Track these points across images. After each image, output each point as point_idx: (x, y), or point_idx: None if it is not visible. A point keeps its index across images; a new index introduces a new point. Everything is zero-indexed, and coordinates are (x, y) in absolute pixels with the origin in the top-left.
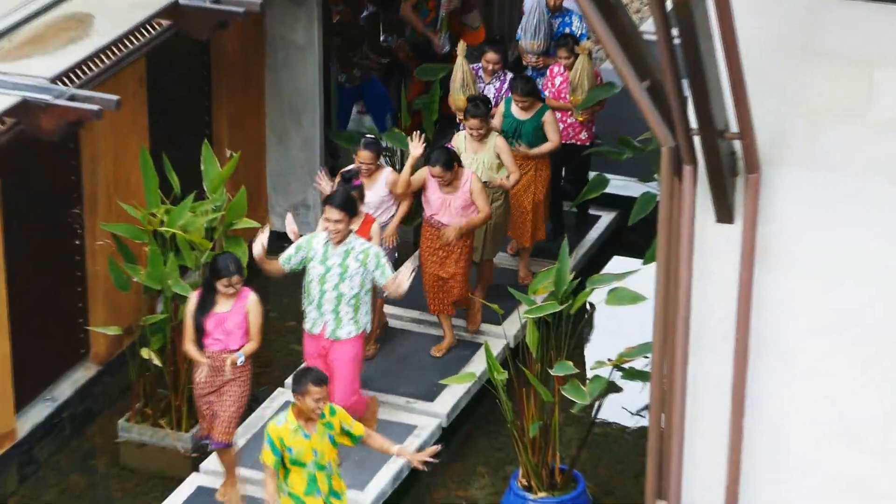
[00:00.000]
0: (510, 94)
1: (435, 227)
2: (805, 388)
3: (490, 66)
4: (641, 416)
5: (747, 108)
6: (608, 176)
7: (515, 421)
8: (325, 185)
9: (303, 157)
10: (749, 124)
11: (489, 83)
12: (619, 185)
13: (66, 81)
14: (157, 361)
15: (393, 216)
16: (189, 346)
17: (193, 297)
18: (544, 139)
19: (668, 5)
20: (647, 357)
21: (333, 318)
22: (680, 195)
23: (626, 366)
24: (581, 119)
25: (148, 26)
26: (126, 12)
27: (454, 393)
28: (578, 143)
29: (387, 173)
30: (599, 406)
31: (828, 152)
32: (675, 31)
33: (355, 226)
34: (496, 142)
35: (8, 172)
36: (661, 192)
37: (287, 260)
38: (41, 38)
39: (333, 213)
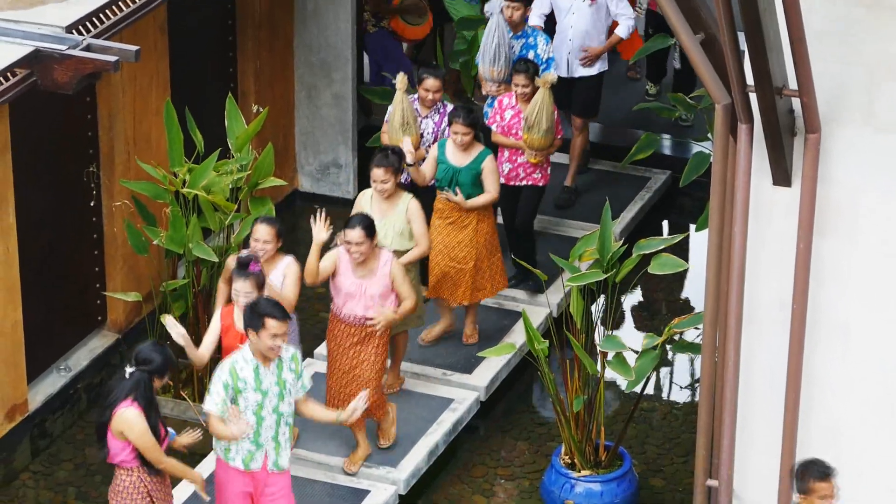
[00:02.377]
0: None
1: (346, 321)
2: (864, 363)
3: (429, 96)
4: (692, 389)
5: (808, 64)
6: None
7: (558, 395)
8: (320, 228)
9: (333, 115)
10: (809, 81)
11: (426, 116)
12: (672, 143)
13: (82, 31)
14: None
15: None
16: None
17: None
18: (482, 188)
19: None
20: (698, 328)
21: (274, 447)
22: (735, 156)
23: (676, 337)
24: (535, 161)
25: None
26: None
27: (493, 365)
28: (531, 183)
29: (287, 262)
30: (647, 380)
31: (892, 111)
32: None
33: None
34: (409, 205)
35: (20, 128)
36: (715, 152)
37: (223, 404)
38: None
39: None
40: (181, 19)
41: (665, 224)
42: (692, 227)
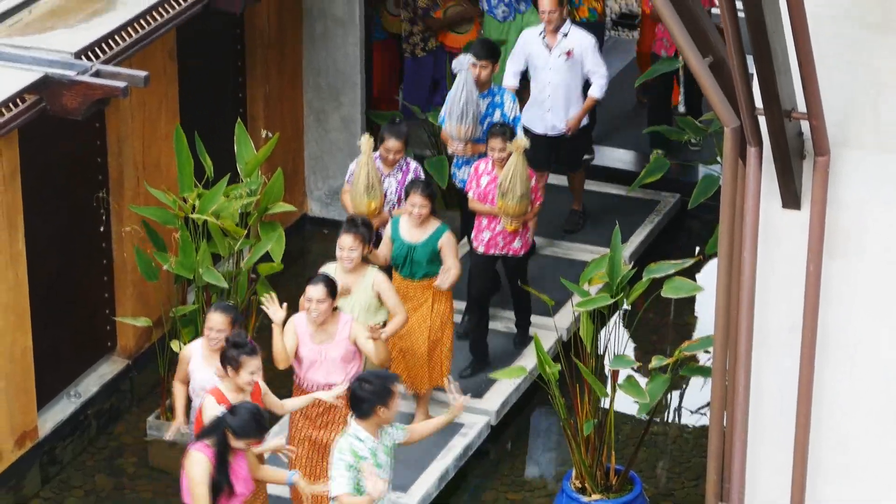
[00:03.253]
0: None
1: (310, 391)
2: (875, 385)
3: (391, 156)
4: (702, 413)
5: (816, 87)
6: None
7: (568, 419)
8: (275, 309)
9: (342, 139)
10: (818, 104)
11: (389, 175)
12: (680, 168)
13: (91, 56)
14: None
15: None
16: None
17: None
18: (439, 266)
19: None
20: (708, 351)
21: None
22: (744, 179)
23: (686, 360)
24: (511, 228)
25: None
26: None
27: (503, 389)
28: (511, 253)
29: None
30: (658, 403)
31: None
32: (739, 4)
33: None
34: (375, 277)
35: (29, 154)
36: (724, 175)
37: (351, 481)
38: (64, 9)
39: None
40: (190, 45)
41: (674, 247)
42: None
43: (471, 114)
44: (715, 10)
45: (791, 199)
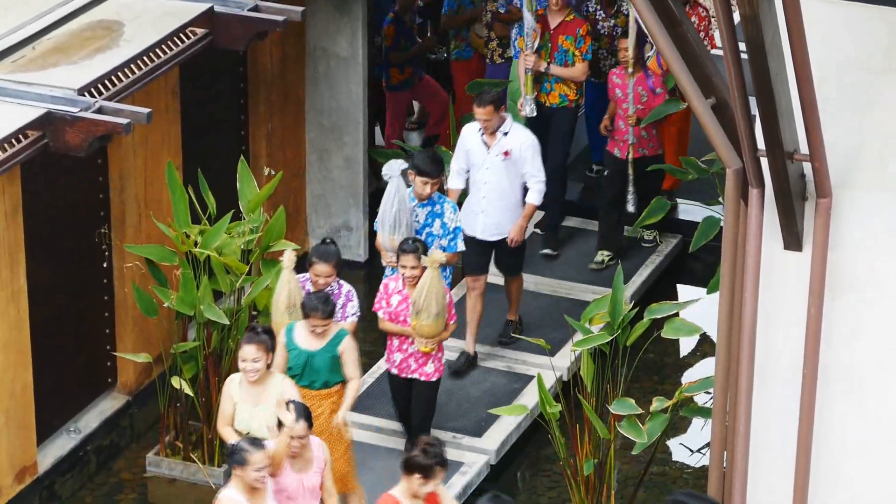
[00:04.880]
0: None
1: None
2: (877, 427)
3: (320, 280)
4: (702, 454)
5: (818, 129)
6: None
7: (568, 458)
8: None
9: (345, 178)
10: (820, 146)
11: None
12: (682, 208)
13: (94, 93)
14: (188, 391)
15: None
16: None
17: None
18: (340, 373)
19: (736, 18)
20: (708, 392)
21: None
22: (746, 220)
23: (686, 401)
24: (426, 350)
25: (181, 35)
26: (158, 20)
27: (503, 428)
28: (424, 378)
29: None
30: (658, 444)
31: None
32: (742, 46)
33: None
34: (284, 383)
35: (31, 190)
36: (726, 216)
37: None
38: (67, 46)
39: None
40: (193, 82)
41: (676, 288)
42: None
43: (404, 223)
44: (718, 52)
45: (793, 240)
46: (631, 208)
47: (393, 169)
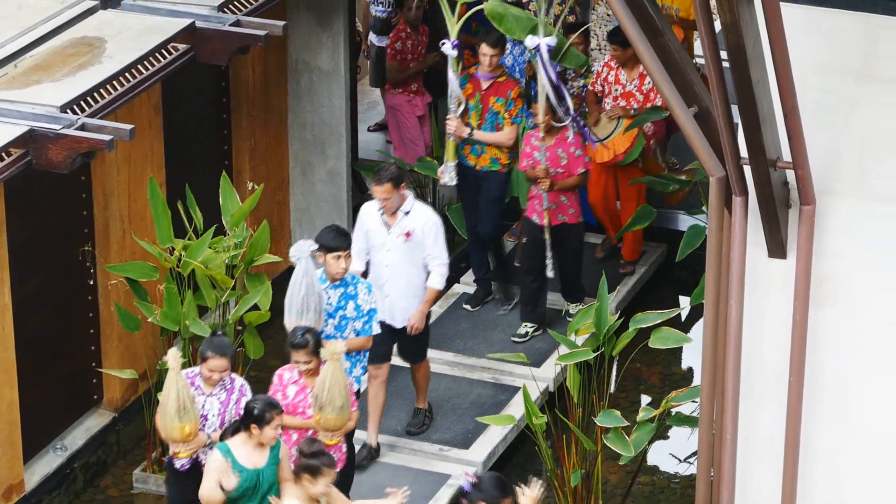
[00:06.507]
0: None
1: None
2: (863, 434)
3: (214, 376)
4: (689, 463)
5: (801, 137)
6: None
7: (555, 469)
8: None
9: (328, 191)
10: (803, 153)
11: (211, 394)
12: (666, 217)
13: (77, 110)
14: None
15: None
16: None
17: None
18: None
19: (717, 27)
20: (695, 401)
21: None
22: (730, 228)
23: (673, 410)
24: (332, 443)
25: (163, 51)
26: (140, 36)
27: (490, 439)
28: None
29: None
30: (645, 453)
31: (886, 183)
32: (724, 55)
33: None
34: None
35: (15, 207)
36: (710, 225)
37: None
38: (49, 63)
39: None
40: (175, 98)
41: (661, 297)
42: (685, 299)
43: (312, 307)
44: (700, 61)
45: (777, 248)
46: (550, 274)
47: (301, 250)
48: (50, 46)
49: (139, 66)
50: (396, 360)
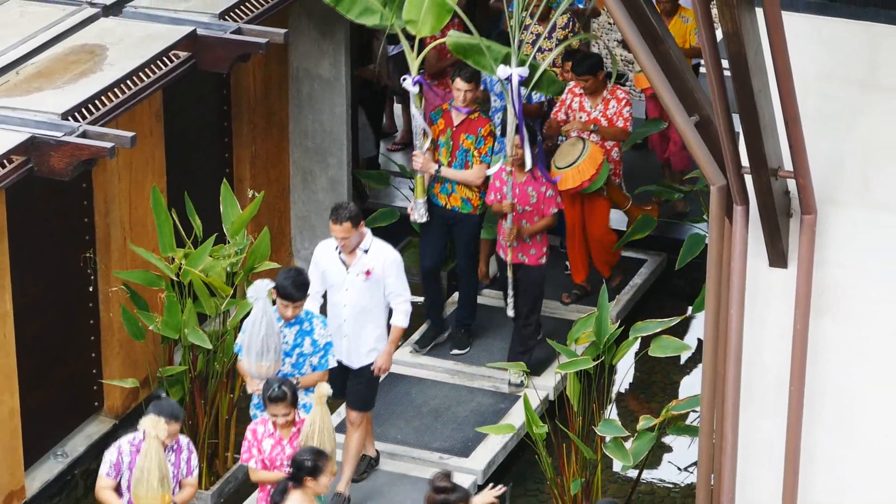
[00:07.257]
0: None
1: None
2: (865, 444)
3: (168, 441)
4: (689, 472)
5: (803, 145)
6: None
7: (556, 478)
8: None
9: (329, 199)
10: (804, 162)
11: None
12: (667, 226)
13: (78, 117)
14: None
15: None
16: None
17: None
18: None
19: (719, 35)
20: (695, 411)
21: None
22: (730, 237)
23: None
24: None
25: (164, 59)
26: (141, 44)
27: (490, 448)
28: None
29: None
30: (645, 462)
31: (888, 192)
32: (725, 63)
33: None
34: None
35: (16, 214)
36: (711, 233)
37: None
38: (51, 71)
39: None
40: (176, 106)
41: (662, 306)
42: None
43: (272, 348)
44: (701, 70)
45: (778, 257)
46: (510, 313)
47: (259, 290)
48: (51, 54)
49: (140, 74)
50: (396, 368)
